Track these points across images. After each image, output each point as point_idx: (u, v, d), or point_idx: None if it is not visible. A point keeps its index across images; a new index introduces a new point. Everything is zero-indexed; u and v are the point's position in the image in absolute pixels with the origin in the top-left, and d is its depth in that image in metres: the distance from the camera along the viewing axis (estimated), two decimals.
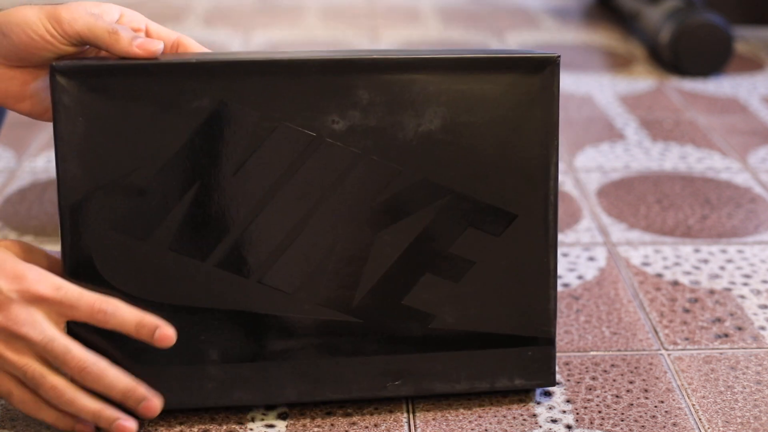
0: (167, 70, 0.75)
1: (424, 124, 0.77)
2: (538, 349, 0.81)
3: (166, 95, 0.75)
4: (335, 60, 0.76)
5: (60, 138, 0.75)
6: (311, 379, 0.79)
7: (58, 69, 0.74)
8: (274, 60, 0.77)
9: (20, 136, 1.39)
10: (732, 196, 1.24)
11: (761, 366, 0.88)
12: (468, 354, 0.80)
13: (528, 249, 0.80)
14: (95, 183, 0.75)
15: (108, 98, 0.74)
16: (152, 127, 0.75)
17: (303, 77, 0.76)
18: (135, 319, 0.74)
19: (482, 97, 0.78)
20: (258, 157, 0.76)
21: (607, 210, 1.19)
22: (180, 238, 0.76)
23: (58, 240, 1.09)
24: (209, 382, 0.78)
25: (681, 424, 0.80)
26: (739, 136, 1.45)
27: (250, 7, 2.24)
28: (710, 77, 1.73)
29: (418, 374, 0.80)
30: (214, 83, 0.75)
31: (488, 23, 2.11)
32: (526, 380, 0.82)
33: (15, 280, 0.72)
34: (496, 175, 0.79)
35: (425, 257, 0.79)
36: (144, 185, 0.75)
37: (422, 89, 0.77)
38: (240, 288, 0.77)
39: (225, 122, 0.75)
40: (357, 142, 0.77)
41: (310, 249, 0.78)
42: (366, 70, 0.76)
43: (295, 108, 0.76)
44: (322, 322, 0.78)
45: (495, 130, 0.78)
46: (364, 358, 0.79)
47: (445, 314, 0.80)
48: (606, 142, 1.42)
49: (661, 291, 1.01)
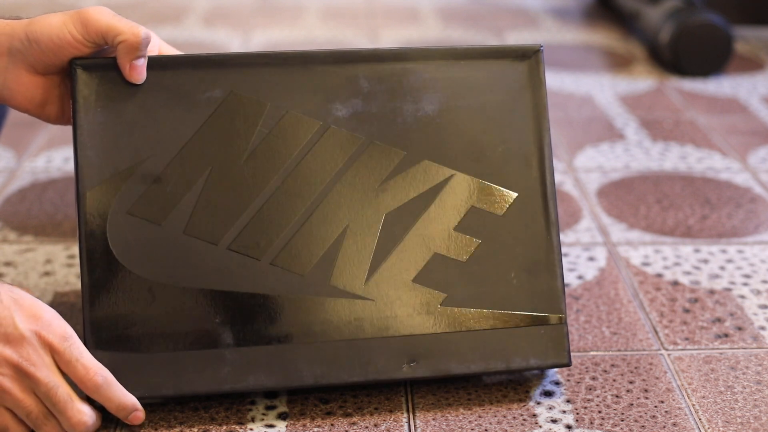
0: (181, 63, 0.81)
1: (422, 109, 0.83)
2: (551, 328, 0.82)
3: (180, 86, 0.80)
4: (338, 52, 0.83)
5: (79, 127, 0.79)
6: (326, 362, 0.80)
7: (78, 63, 0.79)
8: (281, 53, 0.82)
9: (20, 136, 1.40)
10: (732, 196, 1.24)
11: (761, 366, 0.88)
12: (481, 334, 0.82)
13: (530, 227, 0.83)
14: (112, 170, 0.79)
15: (124, 90, 0.79)
16: (167, 116, 0.80)
17: (308, 68, 0.82)
18: (118, 400, 0.76)
19: (475, 83, 0.84)
20: (267, 144, 0.81)
21: (607, 210, 1.20)
22: (194, 222, 0.79)
23: (58, 240, 1.10)
24: (225, 366, 0.79)
25: (681, 424, 0.80)
26: (739, 136, 1.45)
27: (250, 7, 2.24)
28: (710, 77, 1.73)
29: (433, 355, 0.81)
30: (225, 75, 0.81)
31: (488, 23, 2.11)
32: (541, 360, 0.82)
33: (31, 318, 0.73)
34: (493, 156, 0.83)
35: (432, 237, 0.82)
36: (159, 172, 0.79)
37: (419, 77, 0.83)
38: (253, 271, 0.80)
39: (235, 111, 0.80)
40: (360, 127, 0.82)
41: (320, 231, 0.80)
42: (366, 60, 0.83)
43: (301, 97, 0.81)
44: (334, 304, 0.80)
45: (489, 113, 0.84)
46: (378, 340, 0.80)
47: (455, 293, 0.82)
48: (606, 142, 1.42)
49: (661, 291, 1.01)
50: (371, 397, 0.83)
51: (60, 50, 0.78)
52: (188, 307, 0.78)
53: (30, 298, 0.75)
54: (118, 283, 0.78)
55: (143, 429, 0.78)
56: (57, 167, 1.30)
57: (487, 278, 0.82)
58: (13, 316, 0.72)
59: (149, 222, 0.79)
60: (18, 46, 0.78)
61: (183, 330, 0.78)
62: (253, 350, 0.79)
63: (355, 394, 0.83)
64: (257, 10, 2.21)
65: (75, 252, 1.07)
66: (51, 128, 1.43)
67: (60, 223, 1.14)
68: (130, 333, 0.78)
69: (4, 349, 0.72)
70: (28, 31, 0.78)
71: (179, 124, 0.79)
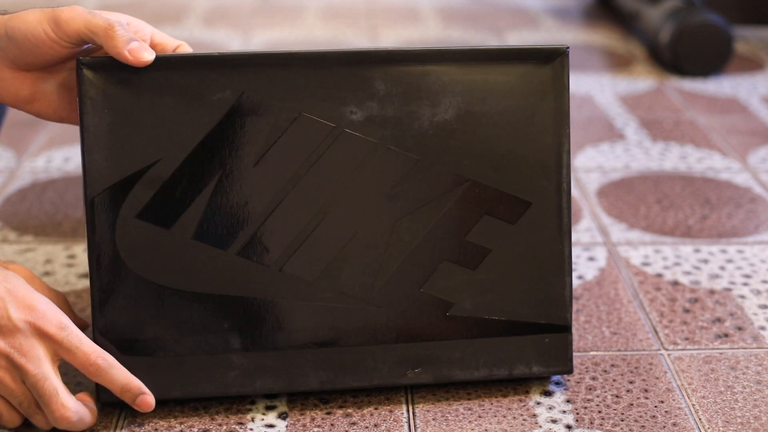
0: (190, 63, 0.78)
1: (439, 113, 0.80)
2: (555, 336, 0.82)
3: (190, 87, 0.77)
4: (353, 52, 0.79)
5: (86, 130, 0.77)
6: (333, 367, 0.80)
7: (84, 63, 0.76)
8: (294, 53, 0.79)
9: (20, 136, 1.39)
10: (732, 196, 1.24)
11: (761, 366, 0.88)
12: (486, 341, 0.81)
13: (543, 236, 0.82)
14: (120, 173, 0.77)
15: (132, 91, 0.77)
16: (176, 118, 0.77)
17: (322, 69, 0.78)
18: (122, 381, 0.76)
19: (495, 88, 0.80)
20: (279, 148, 0.78)
21: (607, 210, 1.19)
22: (202, 227, 0.78)
23: (58, 240, 1.10)
24: (232, 370, 0.79)
25: (681, 424, 0.80)
26: (739, 136, 1.45)
27: (250, 7, 2.24)
28: (710, 77, 1.73)
29: (438, 362, 0.81)
30: (236, 75, 0.78)
31: (488, 23, 2.11)
32: (544, 367, 0.83)
33: (25, 309, 0.73)
34: (510, 163, 0.81)
35: (443, 245, 0.81)
36: (168, 175, 0.77)
37: (437, 80, 0.80)
38: (262, 276, 0.79)
39: (246, 113, 0.78)
40: (375, 132, 0.79)
41: (330, 237, 0.79)
42: (382, 61, 0.79)
43: (314, 99, 0.78)
44: (343, 310, 0.80)
45: (508, 119, 0.81)
46: (384, 346, 0.80)
47: (464, 301, 0.81)
48: (606, 142, 1.42)
49: (661, 291, 1.01)
50: (371, 397, 0.83)
51: (36, 49, 0.76)
52: (197, 312, 0.78)
53: (24, 287, 0.74)
54: (126, 288, 0.78)
55: (143, 429, 0.78)
56: (57, 167, 1.30)
57: (496, 287, 0.81)
58: (6, 307, 0.72)
59: (158, 226, 0.78)
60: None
61: (191, 334, 0.78)
62: (261, 355, 0.79)
63: (355, 394, 0.83)
64: (257, 10, 2.21)
65: (75, 252, 1.07)
66: (51, 128, 1.43)
67: (60, 223, 1.14)
68: (139, 337, 0.78)
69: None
70: (7, 27, 0.76)
71: (189, 126, 0.77)
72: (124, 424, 0.79)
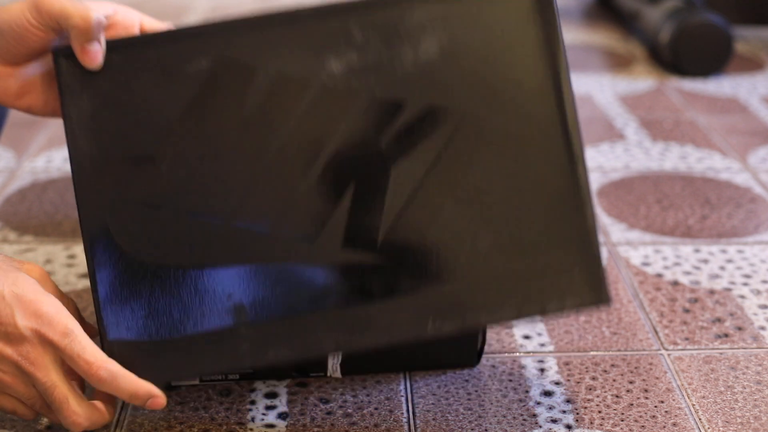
0: (163, 39, 0.78)
1: (421, 52, 0.78)
2: (585, 267, 0.77)
3: (165, 63, 0.77)
4: (326, 6, 0.78)
5: (68, 117, 0.77)
6: (347, 328, 0.77)
7: (60, 51, 0.77)
8: (266, 14, 0.78)
9: (20, 136, 1.39)
10: (732, 196, 1.24)
11: (761, 366, 0.88)
12: (510, 280, 0.77)
13: (552, 165, 0.78)
14: (105, 156, 0.77)
15: (110, 73, 0.77)
16: (155, 94, 0.77)
17: (296, 26, 0.78)
18: (129, 390, 0.74)
19: (476, 20, 0.78)
20: (261, 110, 0.77)
21: (607, 210, 1.20)
22: (192, 199, 0.77)
23: (58, 240, 1.10)
24: (243, 343, 0.77)
25: (681, 424, 0.80)
26: (739, 136, 1.45)
27: (250, 7, 2.24)
28: (710, 77, 1.73)
29: (460, 308, 0.77)
30: (210, 44, 0.77)
31: None
32: (578, 300, 0.77)
33: (32, 317, 0.73)
34: (502, 94, 0.78)
35: (444, 185, 0.77)
36: (153, 152, 0.77)
37: (415, 20, 0.78)
38: (260, 242, 0.77)
39: (225, 80, 0.77)
40: (357, 81, 0.78)
41: (326, 192, 0.77)
42: (357, 10, 0.78)
43: (292, 57, 0.78)
44: (348, 266, 0.77)
45: (494, 48, 0.78)
46: (399, 298, 0.76)
47: (478, 242, 0.77)
48: (606, 142, 1.42)
49: (661, 291, 1.01)
50: (371, 397, 0.83)
51: (21, 38, 0.76)
52: (198, 288, 0.77)
53: (34, 291, 0.74)
54: (125, 272, 0.77)
55: (143, 429, 0.78)
56: (57, 167, 1.30)
57: (510, 222, 0.77)
58: (13, 314, 0.72)
59: (149, 206, 0.77)
60: None
61: (196, 311, 0.77)
62: (270, 324, 0.77)
63: (355, 394, 0.83)
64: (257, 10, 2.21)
65: (75, 252, 1.07)
66: (51, 128, 1.43)
67: (60, 223, 1.14)
68: (144, 320, 0.77)
69: (5, 347, 0.72)
70: None
71: (168, 101, 0.77)
72: (124, 424, 0.79)
